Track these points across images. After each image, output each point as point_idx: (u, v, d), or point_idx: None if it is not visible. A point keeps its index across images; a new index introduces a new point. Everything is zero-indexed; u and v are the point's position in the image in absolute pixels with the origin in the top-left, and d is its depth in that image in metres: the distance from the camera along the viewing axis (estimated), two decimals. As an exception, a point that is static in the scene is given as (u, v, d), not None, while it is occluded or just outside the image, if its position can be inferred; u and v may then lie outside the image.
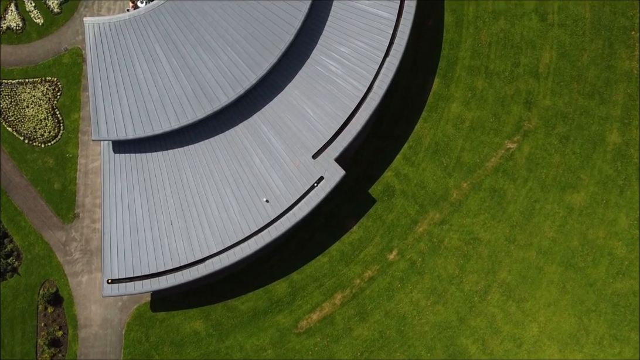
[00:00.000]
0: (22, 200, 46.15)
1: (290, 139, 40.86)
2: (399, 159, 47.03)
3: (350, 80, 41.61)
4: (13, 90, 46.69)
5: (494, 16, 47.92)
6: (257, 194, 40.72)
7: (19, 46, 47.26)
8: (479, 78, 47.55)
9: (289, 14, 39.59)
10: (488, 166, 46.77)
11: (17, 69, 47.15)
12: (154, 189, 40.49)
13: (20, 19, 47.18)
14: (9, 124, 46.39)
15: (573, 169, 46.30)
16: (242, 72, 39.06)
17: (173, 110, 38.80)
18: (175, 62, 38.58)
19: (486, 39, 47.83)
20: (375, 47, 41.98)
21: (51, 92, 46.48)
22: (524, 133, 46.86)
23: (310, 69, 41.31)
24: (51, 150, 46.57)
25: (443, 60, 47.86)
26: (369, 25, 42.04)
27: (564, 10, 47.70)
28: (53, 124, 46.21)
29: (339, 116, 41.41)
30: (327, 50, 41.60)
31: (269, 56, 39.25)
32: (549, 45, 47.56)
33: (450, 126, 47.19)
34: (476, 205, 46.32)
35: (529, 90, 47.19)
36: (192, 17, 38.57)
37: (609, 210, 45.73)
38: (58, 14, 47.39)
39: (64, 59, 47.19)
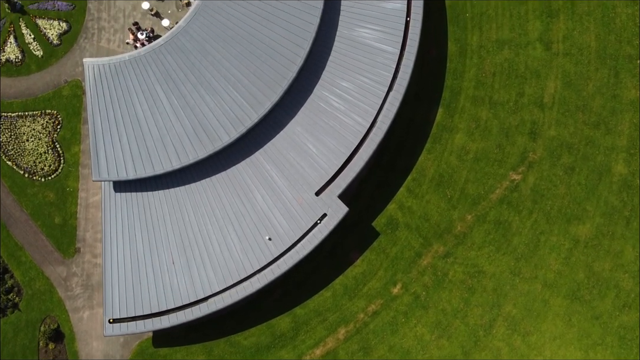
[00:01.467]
0: (23, 235, 45.49)
1: (293, 176, 40.17)
2: (403, 191, 46.30)
3: (353, 116, 40.88)
4: (13, 123, 45.99)
5: (498, 45, 47.15)
6: (259, 231, 40.04)
7: (19, 78, 46.54)
8: (483, 108, 46.80)
9: (291, 51, 38.84)
10: (492, 198, 46.05)
11: (16, 101, 46.43)
12: (155, 227, 39.82)
13: (19, 51, 46.45)
14: (8, 158, 45.69)
15: (578, 200, 45.58)
16: (243, 110, 38.34)
17: (174, 149, 38.09)
18: (176, 102, 37.84)
19: (490, 68, 47.08)
20: (378, 81, 41.22)
21: (51, 125, 45.80)
22: (528, 164, 46.13)
23: (312, 105, 40.56)
24: (51, 184, 45.87)
25: (447, 91, 47.10)
26: (372, 60, 41.28)
27: (569, 39, 46.94)
28: (53, 157, 45.52)
29: (341, 152, 40.68)
30: (330, 85, 40.84)
31: (271, 94, 38.51)
32: (553, 75, 46.80)
33: (454, 157, 46.46)
34: (481, 238, 45.62)
35: (533, 121, 46.44)
36: (193, 56, 37.83)
37: (615, 242, 45.03)
38: (57, 45, 46.66)
39: (63, 91, 46.46)
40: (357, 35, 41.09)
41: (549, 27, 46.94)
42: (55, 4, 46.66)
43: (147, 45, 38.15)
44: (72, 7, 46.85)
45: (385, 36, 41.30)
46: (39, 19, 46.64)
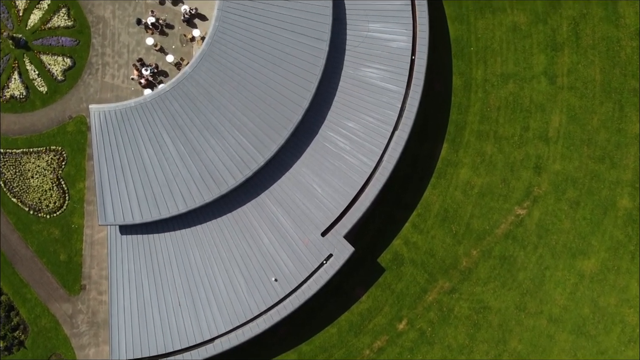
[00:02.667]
0: (28, 272, 45.38)
1: (299, 217, 40.06)
2: (408, 227, 46.19)
3: (359, 156, 40.75)
4: (17, 160, 45.85)
5: (502, 79, 47.00)
6: (265, 273, 39.95)
7: (23, 115, 46.37)
8: (488, 143, 46.67)
9: (297, 94, 38.69)
10: (498, 233, 45.96)
11: (21, 138, 46.26)
12: (161, 269, 39.71)
13: (23, 87, 46.28)
14: (13, 195, 45.57)
15: (584, 235, 45.49)
16: (249, 154, 38.21)
17: (180, 194, 37.98)
18: (182, 147, 37.72)
19: (495, 102, 46.94)
20: (383, 121, 41.08)
21: (56, 161, 45.65)
22: (533, 199, 46.02)
23: (318, 145, 40.41)
24: (56, 221, 45.74)
25: (451, 125, 46.97)
26: (377, 99, 41.12)
27: (574, 72, 46.79)
28: (58, 194, 45.40)
29: (347, 193, 40.54)
30: (335, 126, 40.71)
31: (277, 137, 38.38)
32: (558, 109, 46.66)
33: (460, 192, 46.35)
34: (486, 273, 45.53)
35: (538, 155, 46.30)
36: (199, 102, 37.67)
37: (620, 277, 44.95)
38: (62, 81, 46.48)
39: (68, 127, 46.31)
40: (362, 74, 40.93)
41: (553, 60, 46.78)
42: (60, 40, 46.46)
43: (152, 92, 37.98)
44: (77, 43, 46.67)
45: (391, 75, 41.12)
46: (43, 54, 46.46)
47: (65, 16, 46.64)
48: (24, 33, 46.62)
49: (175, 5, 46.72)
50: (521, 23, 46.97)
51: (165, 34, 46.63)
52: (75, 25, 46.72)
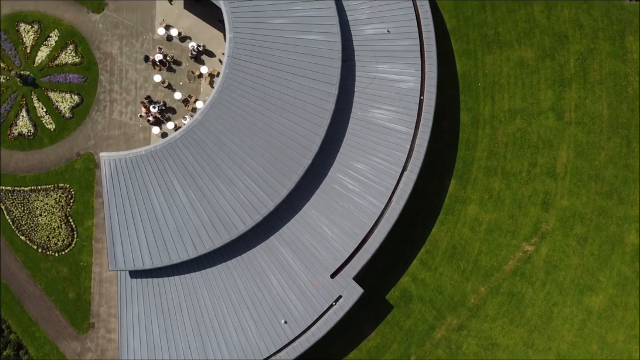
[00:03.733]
0: (37, 310, 45.40)
1: (308, 259, 40.10)
2: (416, 264, 46.22)
3: (368, 198, 40.77)
4: (25, 198, 45.84)
5: (510, 115, 47.01)
6: (275, 315, 39.98)
7: (31, 152, 46.35)
8: (496, 179, 46.70)
9: (307, 138, 38.70)
10: (506, 269, 46.00)
11: (29, 175, 46.25)
12: (171, 313, 39.73)
13: (31, 125, 46.27)
14: (22, 233, 45.57)
15: (591, 271, 45.54)
16: (259, 199, 38.24)
17: (190, 240, 38.00)
18: (192, 194, 37.74)
19: (502, 138, 46.95)
20: (392, 162, 41.08)
21: (64, 199, 45.66)
22: (541, 235, 46.06)
23: (327, 187, 40.43)
24: (65, 259, 45.74)
25: (459, 161, 46.98)
26: (386, 141, 41.12)
27: (581, 108, 46.79)
28: (66, 232, 45.41)
29: (356, 234, 40.56)
30: (345, 168, 40.72)
31: (287, 182, 38.38)
32: (566, 144, 46.66)
33: (467, 229, 46.38)
34: (494, 310, 45.59)
35: (546, 191, 46.33)
36: (209, 149, 37.67)
37: (628, 313, 45.01)
38: (70, 118, 46.47)
39: (76, 164, 46.29)
40: (371, 116, 40.94)
41: (561, 96, 46.79)
42: (67, 77, 46.42)
43: (163, 140, 37.96)
44: (84, 80, 46.65)
45: (399, 116, 41.12)
46: (50, 92, 46.44)
47: (72, 53, 46.61)
48: (32, 70, 46.58)
49: (182, 41, 46.69)
50: (529, 58, 46.97)
51: (173, 71, 46.62)
52: (82, 61, 46.68)
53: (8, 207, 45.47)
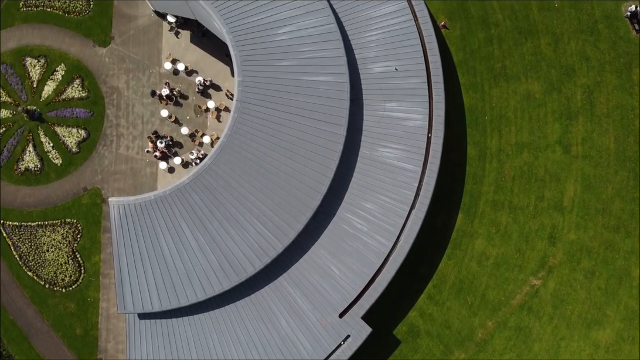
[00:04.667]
0: (44, 346, 45.29)
1: (317, 299, 40.02)
2: (424, 298, 46.12)
3: (376, 237, 40.67)
4: (33, 233, 45.75)
5: (517, 148, 46.88)
6: (283, 356, 39.86)
7: (38, 187, 46.23)
8: (503, 213, 46.60)
9: (315, 180, 38.58)
10: (513, 304, 45.93)
11: (36, 210, 46.14)
12: (179, 354, 39.56)
13: (38, 160, 46.14)
14: (29, 269, 45.47)
15: (599, 305, 45.44)
16: (268, 242, 38.15)
17: (199, 283, 37.89)
18: (201, 238, 37.65)
19: (510, 172, 46.84)
20: (400, 200, 40.97)
21: (71, 234, 45.56)
22: (548, 269, 45.98)
23: (336, 227, 40.33)
24: (72, 294, 45.64)
25: (466, 195, 46.88)
26: (394, 179, 41.00)
27: (588, 141, 46.67)
28: (74, 267, 45.32)
29: (365, 273, 40.45)
30: (353, 207, 40.61)
31: (296, 224, 38.28)
32: (573, 178, 46.55)
33: (475, 263, 46.31)
34: (502, 345, 45.50)
35: (553, 225, 46.21)
36: (218, 193, 37.56)
37: (636, 347, 44.89)
38: (76, 153, 46.34)
39: (83, 199, 46.18)
40: (378, 155, 40.83)
41: (568, 129, 46.67)
42: (74, 111, 46.30)
43: (172, 185, 37.86)
44: (91, 114, 46.53)
45: (407, 154, 40.99)
46: (57, 126, 46.32)
47: (79, 87, 46.48)
48: (38, 104, 46.46)
49: (189, 75, 46.58)
50: (535, 91, 46.86)
51: (180, 105, 46.50)
52: (89, 96, 46.56)
53: (15, 242, 45.38)
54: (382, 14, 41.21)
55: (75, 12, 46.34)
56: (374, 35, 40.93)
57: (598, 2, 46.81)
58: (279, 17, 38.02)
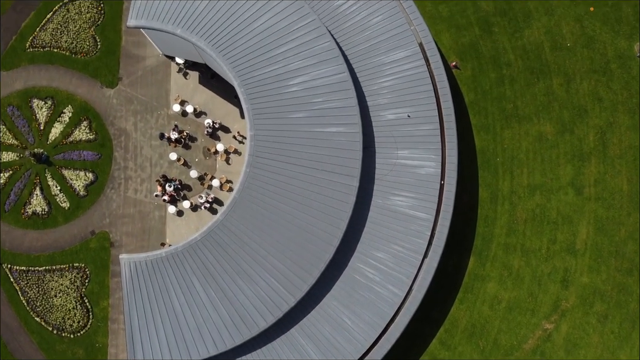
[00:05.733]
0: (53, 393, 44.80)
1: (329, 351, 39.44)
2: (435, 343, 45.60)
3: (389, 287, 40.11)
4: (40, 278, 45.17)
5: (529, 191, 46.35)
6: (295, 407, 39.41)
7: (45, 231, 45.67)
8: (515, 256, 46.09)
9: (328, 232, 38.00)
10: (525, 348, 45.43)
11: (43, 255, 45.58)
12: (190, 405, 39.13)
13: (45, 203, 45.56)
14: (37, 314, 44.90)
15: (612, 349, 44.96)
16: (280, 296, 37.60)
17: (211, 338, 37.30)
18: (213, 293, 37.06)
19: (522, 215, 46.32)
20: (413, 250, 40.40)
21: (79, 279, 45.00)
22: (561, 312, 45.46)
23: (348, 278, 39.79)
24: (80, 340, 45.09)
25: (478, 238, 46.35)
26: (407, 228, 40.42)
27: (601, 183, 46.16)
28: (82, 313, 44.76)
29: (377, 324, 39.86)
30: (365, 257, 40.07)
31: (308, 277, 37.71)
32: (585, 220, 46.04)
33: (487, 307, 45.80)
34: (514, 389, 45.04)
35: (565, 268, 45.71)
36: (230, 249, 36.98)
37: (649, 392, 44.52)
38: (84, 196, 45.76)
39: (91, 243, 45.62)
40: (391, 204, 40.26)
41: (580, 171, 46.16)
42: (81, 154, 45.71)
43: (183, 242, 37.30)
44: (98, 157, 45.95)
45: (420, 203, 40.43)
46: (65, 169, 45.72)
47: (86, 129, 45.88)
48: (45, 147, 45.87)
49: (197, 117, 46.00)
50: (548, 133, 46.33)
51: (189, 147, 45.90)
52: (97, 138, 45.96)
53: (23, 287, 44.82)
54: (394, 59, 40.58)
55: (82, 53, 45.69)
56: (387, 82, 40.33)
57: (611, 41, 46.23)
58: (291, 68, 37.42)
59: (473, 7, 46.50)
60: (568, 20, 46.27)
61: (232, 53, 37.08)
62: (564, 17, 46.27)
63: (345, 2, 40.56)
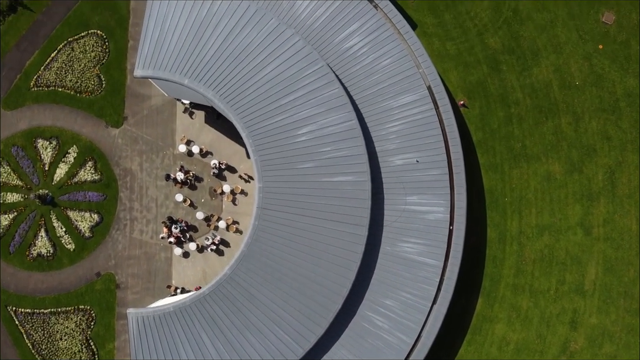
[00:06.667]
0: None
1: (337, 399, 39.13)
2: (443, 386, 45.28)
3: (397, 334, 39.67)
4: (45, 321, 44.72)
5: (538, 231, 45.94)
6: None
7: (50, 273, 45.20)
8: (524, 297, 45.69)
9: (337, 283, 37.53)
10: (534, 390, 45.06)
11: (48, 297, 45.12)
12: None
13: (50, 245, 45.11)
14: (42, 357, 44.40)
15: (621, 391, 44.64)
16: (289, 347, 37.14)
17: (219, 391, 37.00)
18: (221, 347, 36.54)
19: (530, 255, 45.93)
20: (422, 296, 39.95)
21: (85, 322, 44.57)
22: (570, 354, 45.07)
23: (356, 326, 39.32)
24: (87, 383, 44.71)
25: (486, 279, 45.94)
26: (415, 275, 39.96)
27: (610, 223, 45.77)
28: (87, 356, 44.30)
29: (386, 372, 39.62)
30: (373, 304, 39.60)
31: (317, 329, 37.27)
32: (594, 261, 45.68)
33: (495, 349, 45.42)
34: None
35: (574, 309, 45.35)
36: (239, 302, 36.49)
37: None
38: (89, 238, 45.32)
39: (96, 285, 45.19)
40: (400, 250, 39.81)
41: (589, 210, 45.74)
42: (87, 195, 45.25)
43: (192, 295, 36.83)
44: (104, 198, 45.48)
45: (428, 249, 39.97)
46: (70, 210, 45.25)
47: (92, 169, 45.41)
48: (50, 188, 45.39)
49: (204, 157, 45.56)
50: (556, 172, 45.90)
51: (195, 188, 45.46)
52: (102, 179, 45.48)
53: (28, 330, 44.40)
54: (403, 103, 40.12)
55: (87, 92, 45.21)
56: (395, 127, 39.88)
57: (620, 79, 45.81)
58: (300, 117, 36.94)
59: (481, 45, 46.00)
60: (577, 58, 45.79)
61: (240, 103, 36.61)
62: (573, 55, 45.80)
63: (356, 44, 40.02)
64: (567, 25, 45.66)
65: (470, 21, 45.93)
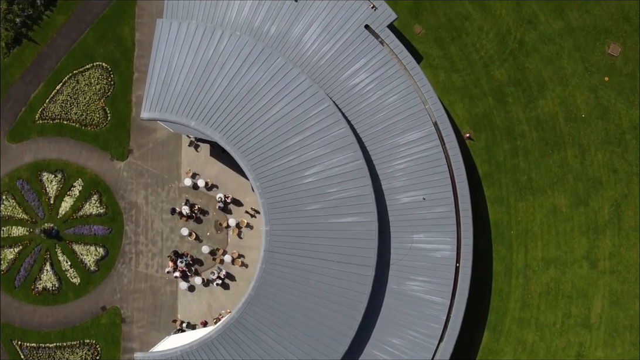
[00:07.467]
0: None
1: None
2: (449, 420, 45.07)
3: (404, 373, 39.60)
4: (51, 355, 44.51)
5: (544, 264, 45.77)
6: None
7: (56, 307, 45.03)
8: (529, 331, 45.52)
9: (344, 324, 37.30)
10: None
11: (54, 331, 44.95)
12: None
13: (56, 279, 44.93)
14: (48, 392, 44.31)
15: (626, 423, 44.50)
16: (296, 390, 37.08)
17: None
18: (228, 391, 36.53)
19: (536, 288, 45.74)
20: (428, 334, 39.75)
21: (90, 356, 44.37)
22: (576, 388, 44.97)
23: (363, 365, 39.30)
24: (93, 416, 44.53)
25: (492, 313, 45.78)
26: (422, 313, 39.77)
27: (616, 256, 45.57)
28: (94, 389, 44.17)
29: (392, 411, 39.45)
30: (380, 343, 39.41)
31: (323, 370, 37.24)
32: (600, 294, 45.49)
33: (501, 383, 45.26)
34: None
35: (580, 343, 45.15)
36: (246, 345, 36.29)
37: None
38: (95, 272, 45.14)
39: (102, 319, 45.02)
40: (406, 289, 39.62)
41: (595, 244, 45.55)
42: (92, 228, 45.06)
43: (198, 338, 36.74)
44: (109, 231, 45.32)
45: (435, 287, 39.78)
46: (75, 244, 45.08)
47: (97, 203, 45.22)
48: (55, 222, 45.21)
49: (209, 190, 45.38)
50: (562, 205, 45.70)
51: (200, 221, 45.29)
52: (107, 212, 45.31)
53: (33, 365, 44.23)
54: (409, 140, 39.94)
55: (92, 125, 45.03)
56: (401, 164, 39.69)
57: (626, 112, 45.62)
58: (307, 158, 36.74)
59: (486, 77, 45.80)
60: (582, 91, 45.59)
61: (247, 145, 36.42)
62: (579, 88, 45.60)
63: (362, 80, 39.82)
64: (573, 57, 45.43)
65: (476, 53, 45.71)
